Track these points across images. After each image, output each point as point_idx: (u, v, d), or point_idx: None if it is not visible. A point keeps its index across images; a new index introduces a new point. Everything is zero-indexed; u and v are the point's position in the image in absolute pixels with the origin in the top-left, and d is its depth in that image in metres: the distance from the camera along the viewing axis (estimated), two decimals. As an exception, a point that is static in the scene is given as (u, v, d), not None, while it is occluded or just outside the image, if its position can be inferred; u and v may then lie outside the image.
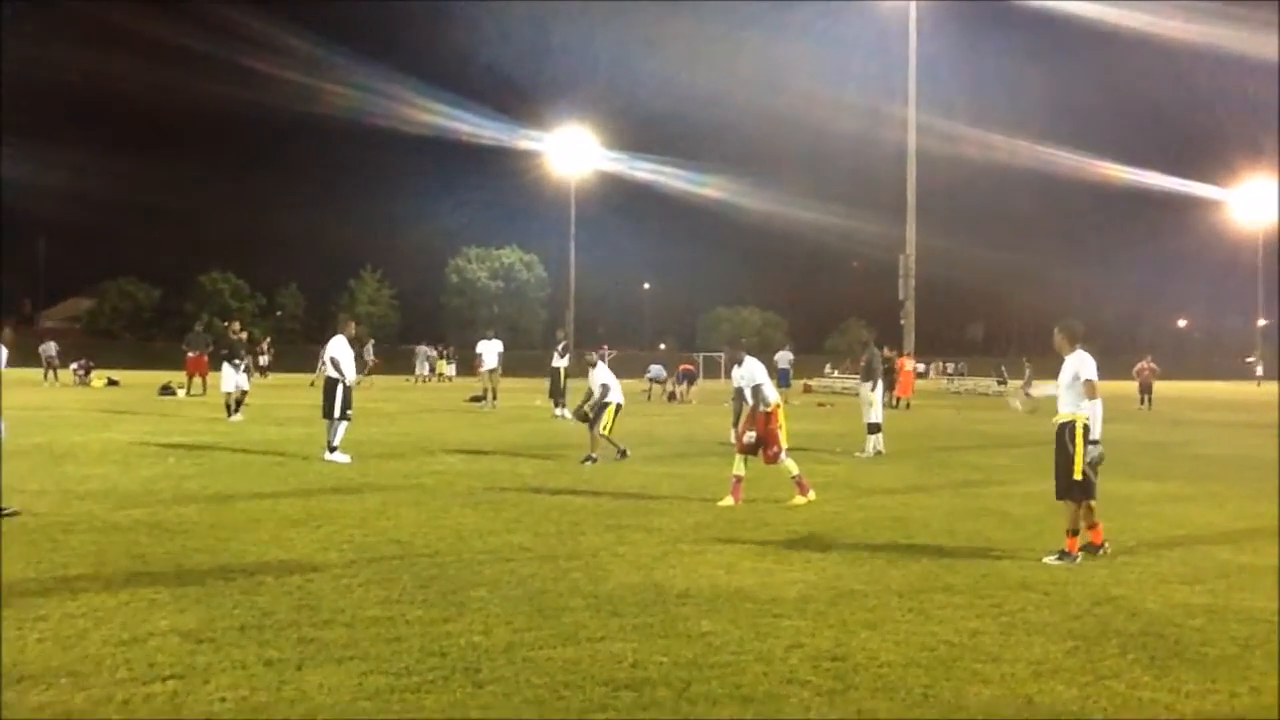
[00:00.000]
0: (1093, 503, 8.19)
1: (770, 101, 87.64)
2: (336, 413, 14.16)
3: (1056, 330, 8.53)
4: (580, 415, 14.97)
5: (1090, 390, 8.06)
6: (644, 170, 79.21)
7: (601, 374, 14.80)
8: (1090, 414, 8.03)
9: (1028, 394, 32.25)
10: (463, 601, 6.42)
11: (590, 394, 14.73)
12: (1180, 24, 56.70)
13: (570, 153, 69.77)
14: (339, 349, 14.42)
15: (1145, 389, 34.12)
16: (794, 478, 10.87)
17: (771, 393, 10.96)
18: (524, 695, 4.82)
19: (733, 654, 5.44)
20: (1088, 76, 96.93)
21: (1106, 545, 8.19)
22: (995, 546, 8.57)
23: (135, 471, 12.50)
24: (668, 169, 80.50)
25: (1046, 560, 7.95)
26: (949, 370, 62.50)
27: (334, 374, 14.30)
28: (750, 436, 10.68)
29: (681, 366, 36.15)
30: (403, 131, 79.27)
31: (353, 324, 15.43)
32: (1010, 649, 5.61)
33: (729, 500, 10.64)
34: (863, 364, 17.15)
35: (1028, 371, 35.49)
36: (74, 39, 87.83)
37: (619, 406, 14.73)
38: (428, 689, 4.87)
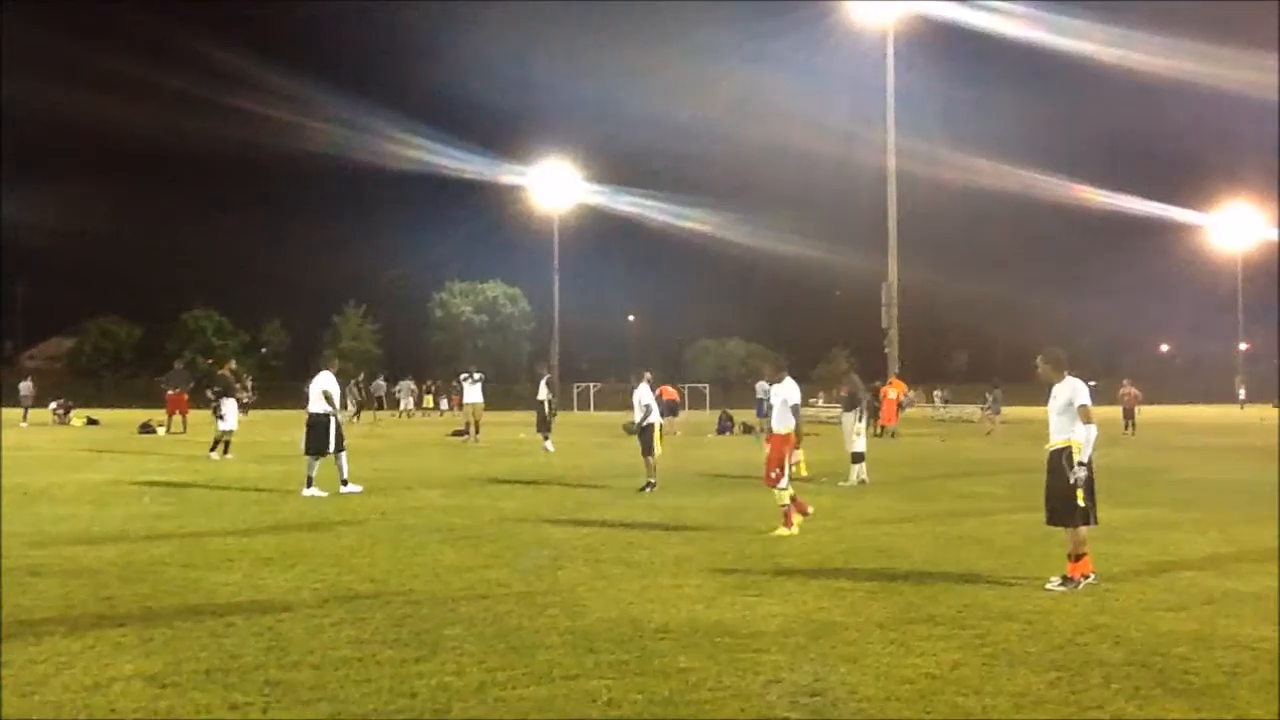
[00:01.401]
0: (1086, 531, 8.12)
1: (752, 134, 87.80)
2: (332, 446, 14.39)
3: (1040, 360, 8.46)
4: (630, 430, 15.48)
5: (1085, 415, 8.01)
6: (627, 203, 79.35)
7: (644, 394, 15.19)
8: (1084, 438, 7.97)
9: (992, 415, 32.86)
10: (436, 641, 6.29)
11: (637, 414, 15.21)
12: (1155, 58, 57.42)
13: (553, 186, 70.05)
14: (329, 384, 14.66)
15: (1128, 414, 34.15)
16: (783, 507, 10.87)
17: (790, 419, 11.09)
18: (494, 737, 4.70)
19: (710, 690, 5.33)
20: (1066, 103, 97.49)
21: (1093, 575, 8.10)
22: (979, 576, 8.47)
23: (109, 511, 12.32)
24: (651, 202, 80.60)
25: (1049, 586, 7.86)
26: (936, 398, 62.49)
27: (322, 410, 14.47)
28: (776, 471, 10.85)
29: (665, 397, 36.00)
30: (385, 166, 79.30)
31: (336, 360, 15.81)
32: (992, 681, 5.50)
33: (783, 530, 10.73)
34: (844, 394, 17.14)
35: (990, 397, 35.90)
36: (54, 78, 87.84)
37: (661, 425, 15.38)
38: (395, 732, 4.74)
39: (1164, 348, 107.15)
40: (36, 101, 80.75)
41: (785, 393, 11.15)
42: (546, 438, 23.56)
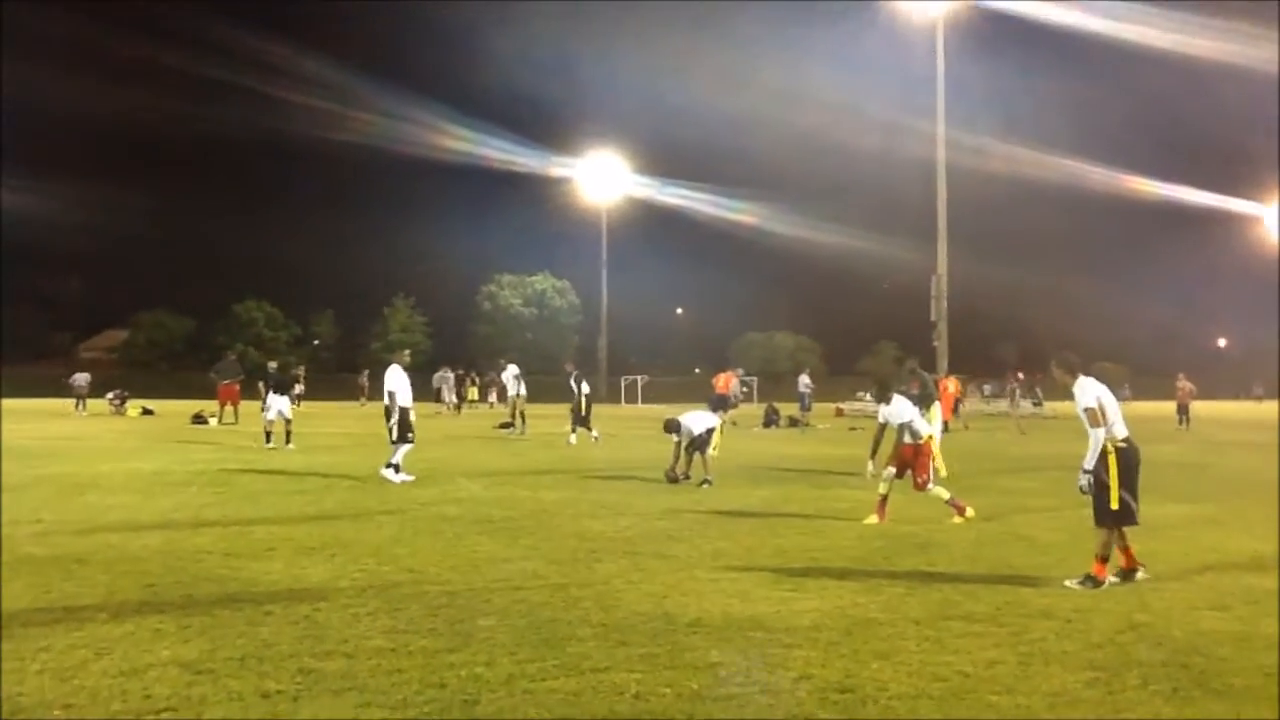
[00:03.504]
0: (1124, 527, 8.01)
1: (800, 125, 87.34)
2: (395, 436, 14.87)
3: (1053, 365, 8.47)
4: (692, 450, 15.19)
5: (1090, 419, 7.90)
6: (675, 195, 79.29)
7: (697, 421, 15.13)
8: (1091, 442, 7.88)
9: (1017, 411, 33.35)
10: (469, 631, 6.32)
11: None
12: (1212, 43, 56.24)
13: (601, 178, 70.20)
14: (395, 378, 15.13)
15: (1183, 409, 33.65)
16: (947, 501, 11.31)
17: (923, 426, 11.53)
18: (521, 729, 4.71)
19: (739, 686, 5.31)
20: (1119, 92, 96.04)
21: (1142, 568, 7.99)
22: (1019, 573, 8.37)
23: (156, 500, 12.51)
24: (699, 194, 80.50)
25: (1068, 584, 7.77)
26: (985, 391, 61.85)
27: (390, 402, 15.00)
28: (923, 477, 11.30)
29: (719, 390, 35.91)
30: (435, 159, 79.83)
31: (406, 353, 16.85)
32: (1027, 680, 5.43)
33: (873, 519, 11.13)
34: (915, 390, 17.09)
35: (1017, 391, 35.75)
36: (102, 74, 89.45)
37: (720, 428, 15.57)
38: (423, 722, 4.77)
39: (1220, 342, 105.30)
40: (89, 102, 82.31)
41: (903, 411, 11.47)
42: (574, 430, 23.72)
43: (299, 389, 43.75)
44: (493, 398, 54.00)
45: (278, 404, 21.46)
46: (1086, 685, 5.36)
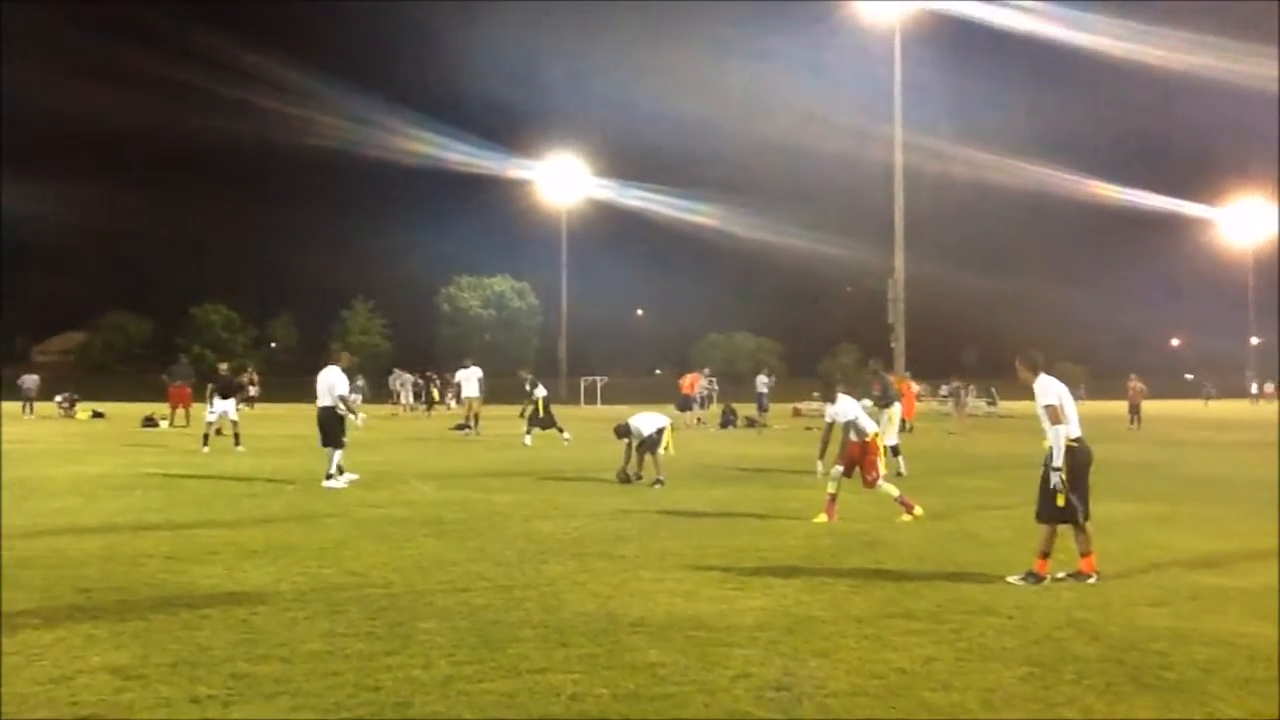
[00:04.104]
0: (1088, 528, 8.04)
1: (761, 129, 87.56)
2: (329, 441, 14.64)
3: (1017, 362, 8.51)
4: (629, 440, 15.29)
5: (1051, 416, 7.95)
6: (635, 198, 79.25)
7: (647, 422, 15.16)
8: (1052, 439, 7.93)
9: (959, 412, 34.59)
10: (408, 634, 6.26)
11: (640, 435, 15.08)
12: (1167, 52, 57.06)
13: (561, 181, 70.12)
14: (340, 381, 14.87)
15: (1134, 408, 34.07)
16: (896, 499, 11.42)
17: (868, 424, 11.64)
18: (453, 731, 4.66)
19: (676, 685, 5.28)
20: (1076, 98, 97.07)
21: (1095, 575, 8.01)
22: (964, 571, 8.41)
23: (100, 504, 12.32)
24: (659, 196, 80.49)
25: (1010, 580, 7.84)
26: (941, 392, 62.35)
27: (330, 403, 14.74)
28: (872, 474, 11.45)
29: (685, 391, 35.93)
30: (394, 162, 79.41)
31: (346, 354, 16.16)
32: (963, 676, 5.45)
33: (823, 517, 11.18)
34: (877, 391, 17.24)
35: (962, 392, 36.35)
36: (66, 73, 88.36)
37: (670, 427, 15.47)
38: (354, 726, 4.71)
39: (1174, 342, 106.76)
40: (47, 97, 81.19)
41: (847, 410, 11.60)
42: (528, 432, 23.61)
43: (253, 391, 43.44)
44: (450, 398, 53.71)
45: (221, 406, 21.35)
46: (1021, 681, 5.39)
